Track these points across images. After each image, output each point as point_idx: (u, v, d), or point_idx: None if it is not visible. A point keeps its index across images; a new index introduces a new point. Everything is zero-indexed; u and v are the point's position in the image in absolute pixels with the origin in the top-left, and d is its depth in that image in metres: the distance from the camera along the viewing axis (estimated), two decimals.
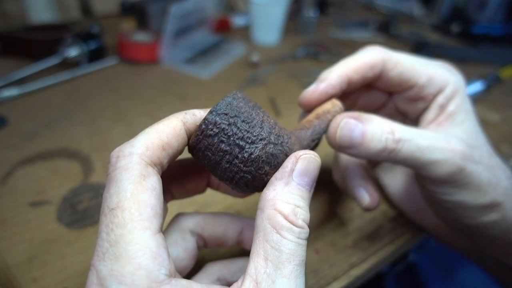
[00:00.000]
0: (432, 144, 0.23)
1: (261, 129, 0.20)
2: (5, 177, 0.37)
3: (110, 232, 0.16)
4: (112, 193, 0.17)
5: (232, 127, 0.19)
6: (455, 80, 0.27)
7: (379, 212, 0.36)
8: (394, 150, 0.23)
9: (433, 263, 0.62)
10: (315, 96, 0.26)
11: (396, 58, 0.27)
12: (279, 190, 0.19)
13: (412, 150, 0.23)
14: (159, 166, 0.18)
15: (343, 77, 0.26)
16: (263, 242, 0.18)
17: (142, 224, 0.16)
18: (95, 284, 0.16)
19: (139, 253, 0.16)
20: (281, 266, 0.17)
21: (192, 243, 0.23)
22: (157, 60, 0.63)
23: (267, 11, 0.70)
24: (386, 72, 0.27)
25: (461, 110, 0.26)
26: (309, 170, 0.20)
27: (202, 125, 0.19)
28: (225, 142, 0.19)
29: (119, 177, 0.17)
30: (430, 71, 0.27)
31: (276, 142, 0.20)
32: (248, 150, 0.20)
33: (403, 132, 0.23)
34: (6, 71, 0.54)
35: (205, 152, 0.20)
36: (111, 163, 0.18)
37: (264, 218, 0.19)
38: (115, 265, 0.16)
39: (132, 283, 0.15)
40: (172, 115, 0.20)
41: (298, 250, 0.18)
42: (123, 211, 0.16)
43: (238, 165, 0.20)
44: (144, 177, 0.17)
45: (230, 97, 0.20)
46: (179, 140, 0.19)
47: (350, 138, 0.23)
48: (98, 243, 0.16)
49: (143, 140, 0.18)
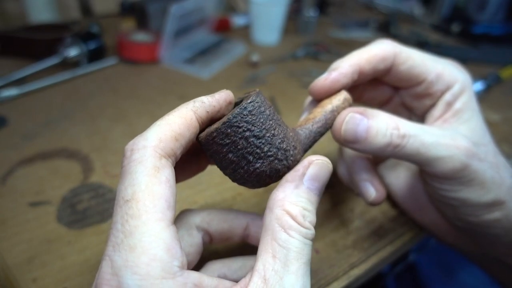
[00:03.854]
0: (437, 140, 0.23)
1: (271, 146, 0.20)
2: (5, 177, 0.37)
3: (125, 223, 0.16)
4: (127, 185, 0.17)
5: (242, 140, 0.19)
6: (463, 78, 0.27)
7: (379, 212, 0.36)
8: (399, 145, 0.23)
9: (433, 263, 0.62)
10: (326, 84, 0.26)
11: (407, 53, 0.27)
12: (289, 192, 0.20)
13: (417, 146, 0.23)
14: (173, 157, 0.19)
15: (355, 67, 0.26)
16: (271, 240, 0.18)
17: (156, 216, 0.17)
18: (110, 274, 0.16)
19: (154, 244, 0.16)
20: (288, 263, 0.18)
21: (198, 239, 0.23)
22: (157, 60, 0.63)
23: (267, 11, 0.70)
24: (397, 65, 0.27)
25: (467, 108, 0.26)
26: (320, 176, 0.20)
27: (214, 132, 0.19)
28: (234, 153, 0.20)
29: (133, 169, 0.17)
30: (439, 68, 0.27)
31: (282, 158, 0.21)
32: (254, 164, 0.20)
33: (408, 128, 0.23)
34: (6, 71, 0.54)
35: (213, 154, 0.21)
36: (125, 156, 0.18)
37: (273, 218, 0.19)
38: (130, 256, 0.16)
39: (147, 274, 0.16)
40: (182, 105, 0.20)
41: (305, 249, 0.18)
42: (137, 203, 0.17)
43: (242, 174, 0.21)
44: (158, 169, 0.18)
45: (247, 108, 0.19)
46: (191, 129, 0.20)
47: (355, 133, 0.23)
48: (113, 233, 0.17)
49: (156, 132, 0.18)
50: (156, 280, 0.16)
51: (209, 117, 0.21)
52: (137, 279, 0.15)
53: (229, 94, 0.22)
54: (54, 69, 0.56)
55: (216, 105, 0.21)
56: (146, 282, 0.15)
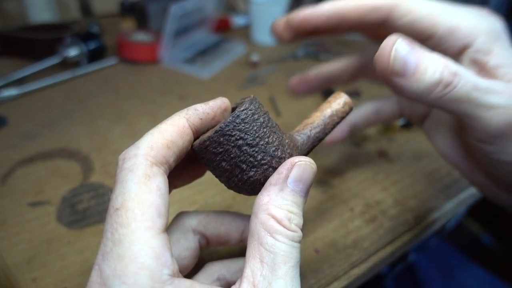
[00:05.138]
0: (490, 86, 0.20)
1: (265, 154, 0.20)
2: (5, 177, 0.37)
3: (114, 231, 0.16)
4: (117, 193, 0.17)
5: (235, 149, 0.19)
6: (489, 28, 0.22)
7: (379, 212, 0.36)
8: (451, 84, 0.19)
9: (433, 263, 0.62)
10: (294, 22, 0.24)
11: (408, 5, 0.23)
12: (273, 195, 0.19)
13: (468, 89, 0.19)
14: (165, 165, 0.19)
15: (335, 11, 0.24)
16: (258, 245, 0.18)
17: (145, 224, 0.16)
18: (98, 284, 0.16)
19: (142, 253, 0.16)
20: (276, 267, 0.18)
21: (194, 242, 0.23)
22: (157, 60, 0.63)
23: (267, 11, 0.70)
24: (394, 20, 0.23)
25: (508, 61, 0.21)
26: (304, 177, 0.20)
27: (206, 141, 0.19)
28: (227, 162, 0.20)
29: (124, 178, 0.17)
30: (453, 21, 0.22)
31: (276, 166, 0.20)
32: (248, 173, 0.20)
33: (458, 67, 0.20)
34: (6, 71, 0.54)
35: (207, 162, 0.21)
36: (118, 165, 0.18)
37: (258, 223, 0.19)
38: (118, 265, 0.16)
39: (135, 283, 0.15)
40: (175, 114, 0.20)
41: (292, 252, 0.18)
42: (127, 211, 0.17)
43: (236, 182, 0.21)
44: (149, 177, 0.17)
45: (240, 116, 0.19)
46: (183, 137, 0.19)
47: (405, 64, 0.19)
48: (103, 242, 0.17)
49: (147, 140, 0.18)
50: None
51: (203, 124, 0.20)
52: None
53: (224, 101, 0.21)
54: (54, 69, 0.56)
55: (210, 112, 0.21)
56: None
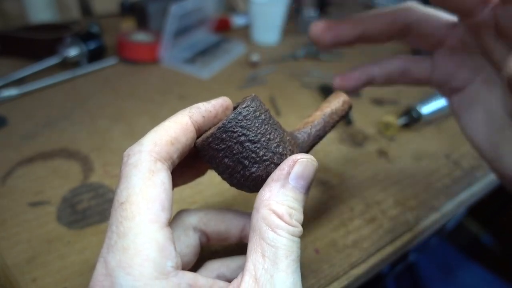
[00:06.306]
0: None
1: (266, 150, 0.20)
2: (5, 177, 0.37)
3: (119, 225, 0.17)
4: (122, 188, 0.18)
5: (238, 145, 0.20)
6: None
7: (379, 212, 0.36)
8: None
9: (433, 263, 0.62)
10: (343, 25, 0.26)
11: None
12: (275, 191, 0.20)
13: None
14: (169, 161, 0.19)
15: None
16: (259, 240, 0.19)
17: (150, 218, 0.17)
18: (104, 275, 0.16)
19: (147, 245, 0.16)
20: (278, 261, 0.18)
21: (195, 239, 0.23)
22: (157, 60, 0.63)
23: (267, 11, 0.70)
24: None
25: None
26: (306, 174, 0.20)
27: (209, 137, 0.20)
28: (230, 158, 0.20)
29: (129, 173, 0.18)
30: None
31: (278, 163, 0.21)
32: (250, 169, 0.20)
33: None
34: (6, 71, 0.54)
35: (210, 159, 0.21)
36: (123, 162, 0.19)
37: (259, 218, 0.19)
38: (123, 257, 0.16)
39: (140, 274, 0.16)
40: (178, 112, 0.21)
41: (293, 246, 0.19)
42: (131, 205, 0.17)
43: (239, 178, 0.21)
44: (153, 173, 0.18)
45: (242, 113, 0.20)
46: (187, 134, 0.20)
47: None
48: (108, 235, 0.17)
49: (151, 137, 0.19)
50: (149, 280, 0.16)
51: (206, 122, 0.21)
52: (130, 279, 0.16)
53: (225, 100, 0.22)
54: (54, 69, 0.56)
55: (212, 110, 0.21)
56: (139, 282, 0.16)
